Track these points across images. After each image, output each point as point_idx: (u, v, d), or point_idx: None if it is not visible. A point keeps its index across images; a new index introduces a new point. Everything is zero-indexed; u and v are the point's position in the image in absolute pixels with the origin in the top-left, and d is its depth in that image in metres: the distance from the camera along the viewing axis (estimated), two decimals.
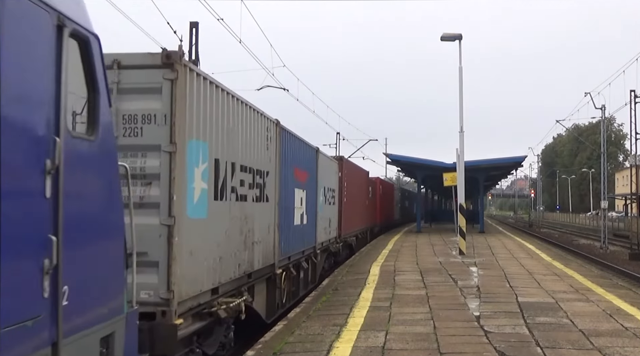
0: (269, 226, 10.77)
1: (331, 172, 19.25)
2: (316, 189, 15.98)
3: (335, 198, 19.84)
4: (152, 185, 6.64)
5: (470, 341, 7.87)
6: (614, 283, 14.56)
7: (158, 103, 6.65)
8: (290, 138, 12.89)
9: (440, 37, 21.56)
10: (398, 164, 41.87)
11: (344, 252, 22.10)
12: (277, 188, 11.33)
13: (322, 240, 17.07)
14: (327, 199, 18.05)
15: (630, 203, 49.76)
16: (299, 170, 13.63)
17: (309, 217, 14.94)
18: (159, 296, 6.50)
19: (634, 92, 32.82)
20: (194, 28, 18.18)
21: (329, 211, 18.54)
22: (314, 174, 15.76)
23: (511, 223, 79.98)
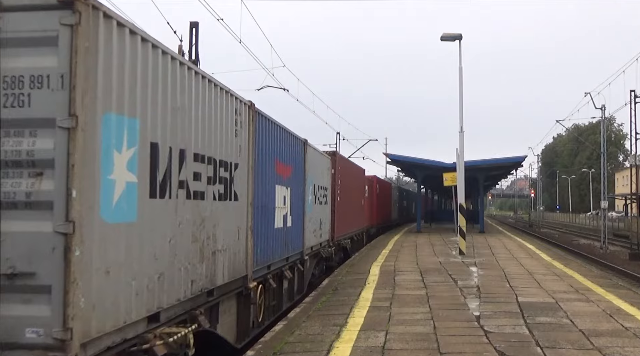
0: (238, 230, 8.67)
1: (322, 168, 17.27)
2: (304, 186, 14.00)
3: (327, 198, 18.16)
4: (44, 177, 4.80)
5: (470, 341, 7.87)
6: (614, 283, 14.55)
7: (53, 59, 4.81)
8: (270, 126, 10.77)
9: (440, 37, 21.56)
10: (398, 164, 41.85)
11: (337, 256, 20.31)
12: (251, 184, 9.19)
13: (311, 244, 15.16)
14: (318, 198, 16.28)
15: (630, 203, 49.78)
16: (281, 163, 11.66)
17: (295, 219, 12.99)
18: (52, 336, 4.64)
19: (634, 92, 32.86)
20: (194, 28, 18.18)
21: (320, 211, 16.76)
22: (301, 169, 13.78)
23: (511, 223, 79.99)
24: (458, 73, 21.49)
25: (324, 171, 17.45)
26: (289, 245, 12.51)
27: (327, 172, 18.14)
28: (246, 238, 9.08)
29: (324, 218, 17.35)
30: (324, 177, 17.46)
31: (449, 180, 25.02)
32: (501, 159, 36.72)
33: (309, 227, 14.67)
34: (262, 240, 10.25)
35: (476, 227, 37.94)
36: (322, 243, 17.04)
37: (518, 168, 49.07)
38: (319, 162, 16.59)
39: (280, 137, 11.61)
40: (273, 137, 11.02)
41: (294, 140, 13.06)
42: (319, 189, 16.42)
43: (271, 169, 10.87)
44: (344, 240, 21.44)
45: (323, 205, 17.27)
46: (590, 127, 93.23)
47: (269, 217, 10.72)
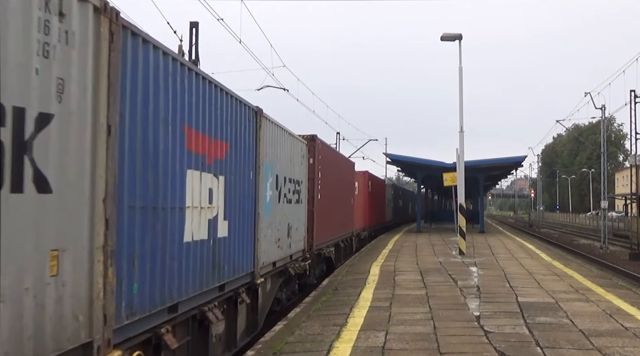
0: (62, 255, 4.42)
1: (294, 154, 13.29)
2: (256, 177, 9.81)
3: (302, 194, 14.25)
4: None
5: (470, 341, 7.87)
6: (614, 283, 14.56)
7: None
8: (166, 65, 6.24)
9: (440, 37, 21.57)
10: (398, 164, 41.85)
11: (317, 270, 16.71)
12: (102, 159, 4.93)
13: (272, 259, 11.12)
14: (285, 195, 12.36)
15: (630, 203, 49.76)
16: (203, 136, 7.34)
17: (236, 224, 8.77)
18: None
19: (634, 92, 32.88)
20: (194, 28, 18.19)
21: (290, 213, 12.82)
22: (248, 151, 9.45)
23: (511, 223, 80.00)
24: (458, 73, 21.51)
25: (296, 159, 13.44)
26: (223, 266, 8.13)
27: (301, 160, 14.15)
28: (88, 269, 4.75)
29: (296, 222, 13.34)
30: (295, 166, 13.35)
31: (449, 180, 25.02)
32: (501, 159, 36.72)
33: (268, 236, 10.69)
34: (145, 266, 5.80)
35: (476, 227, 37.95)
36: (293, 255, 13.09)
37: (518, 168, 49.09)
38: (288, 146, 12.59)
39: (196, 92, 7.08)
40: (177, 88, 6.47)
41: (233, 104, 8.56)
42: (287, 183, 12.47)
43: (174, 141, 6.40)
44: (326, 248, 17.59)
45: (295, 205, 13.26)
46: (590, 127, 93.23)
47: (166, 223, 6.23)
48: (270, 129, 11.03)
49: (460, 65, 21.57)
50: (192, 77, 7.01)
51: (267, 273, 10.95)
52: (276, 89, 25.66)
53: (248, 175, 9.47)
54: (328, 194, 17.62)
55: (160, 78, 6.09)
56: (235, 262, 8.79)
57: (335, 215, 19.42)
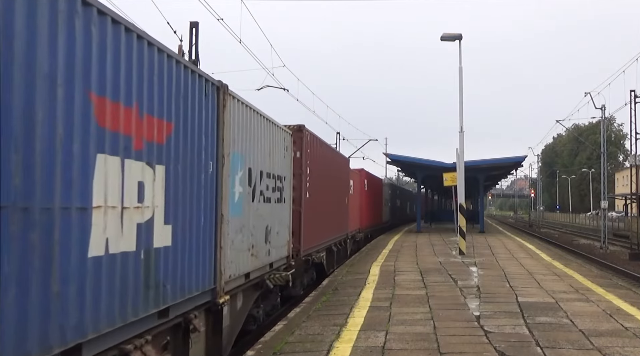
0: None
1: (274, 146, 11.18)
2: (216, 168, 7.78)
3: (285, 192, 12.24)
4: None
5: (470, 341, 7.87)
6: (614, 283, 14.56)
7: None
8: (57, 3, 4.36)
9: (440, 37, 21.58)
10: (398, 164, 41.86)
11: (305, 278, 15.14)
12: None
13: (244, 271, 9.17)
14: (263, 192, 10.33)
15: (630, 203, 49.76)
16: (127, 110, 5.44)
17: (189, 228, 6.89)
18: None
19: (634, 92, 32.87)
20: (194, 28, 18.18)
21: (270, 214, 10.80)
22: (207, 136, 7.44)
23: (511, 223, 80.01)
24: (458, 73, 21.51)
25: (277, 151, 11.44)
26: (164, 285, 6.15)
27: (284, 153, 12.13)
28: None
29: (277, 225, 11.38)
30: (276, 160, 11.34)
31: (449, 180, 25.03)
32: (501, 159, 36.73)
33: (237, 242, 8.71)
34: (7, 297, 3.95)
35: (476, 227, 37.95)
36: (273, 263, 11.14)
37: (518, 168, 49.11)
38: (266, 135, 10.51)
39: (114, 47, 5.17)
40: (73, 34, 4.57)
41: (180, 73, 6.52)
42: (265, 178, 10.46)
43: (68, 110, 4.53)
44: (316, 253, 15.75)
45: (276, 205, 11.32)
46: (590, 127, 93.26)
47: (50, 231, 4.33)
48: (240, 111, 8.83)
49: (460, 65, 21.58)
50: (107, 25, 4.99)
51: (236, 288, 8.84)
52: (276, 88, 25.67)
53: (205, 167, 7.38)
54: (318, 193, 15.73)
55: (41, 16, 4.17)
56: (185, 278, 6.67)
57: (326, 216, 17.48)
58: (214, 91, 7.84)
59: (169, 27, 16.40)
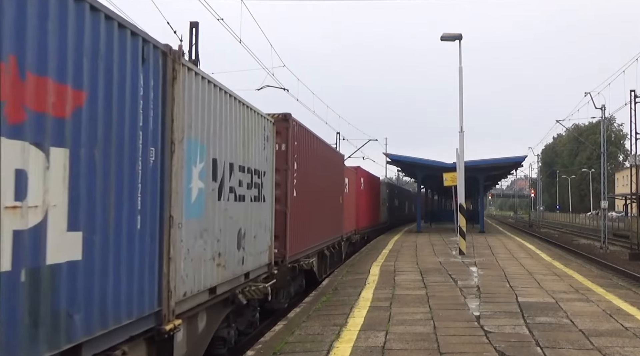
0: None
1: (250, 134, 9.36)
2: (162, 157, 6.14)
3: (266, 190, 10.45)
4: None
5: (470, 341, 7.87)
6: (614, 283, 14.56)
7: None
8: None
9: (440, 37, 21.58)
10: (398, 164, 41.86)
11: (293, 286, 13.68)
12: None
13: (208, 285, 7.47)
14: (234, 189, 8.58)
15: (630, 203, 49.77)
16: None
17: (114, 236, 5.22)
18: None
19: (634, 92, 32.87)
20: (194, 28, 18.18)
21: (244, 215, 9.08)
22: (146, 114, 5.81)
23: (511, 223, 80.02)
24: (458, 73, 21.51)
25: (254, 141, 9.62)
26: (69, 315, 4.51)
27: (264, 144, 10.27)
28: None
29: (254, 227, 9.63)
30: (253, 151, 9.51)
31: (449, 180, 25.03)
32: (501, 159, 36.75)
33: (198, 250, 7.06)
34: None
35: (476, 227, 37.95)
36: (250, 273, 9.39)
37: (518, 168, 49.12)
38: (238, 120, 8.70)
39: None
40: None
41: (95, 23, 4.92)
42: (237, 172, 8.71)
43: None
44: (305, 259, 14.10)
45: (252, 204, 9.54)
46: (590, 127, 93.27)
47: None
48: (201, 89, 7.09)
49: (460, 65, 21.59)
50: None
51: (197, 307, 7.18)
52: (276, 88, 25.67)
53: (143, 154, 5.70)
54: (308, 191, 14.22)
55: None
56: (107, 302, 5.03)
57: (318, 217, 15.91)
58: (158, 57, 5.99)
59: (169, 27, 16.41)
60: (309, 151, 14.59)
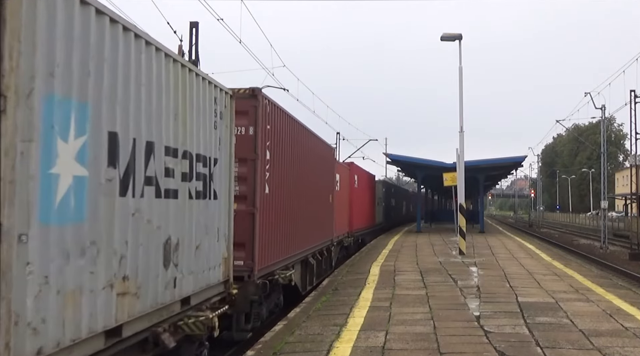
0: None
1: (190, 106, 7.03)
2: None
3: (218, 183, 8.06)
4: None
5: (470, 341, 7.87)
6: (614, 283, 14.55)
7: None
8: None
9: (440, 37, 21.57)
10: (398, 164, 41.85)
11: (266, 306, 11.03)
12: None
13: (106, 324, 5.11)
14: (156, 181, 6.13)
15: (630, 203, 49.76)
16: None
17: None
18: None
19: (634, 92, 32.87)
20: (194, 28, 18.18)
21: (176, 218, 6.62)
22: None
23: (511, 223, 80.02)
24: (458, 73, 21.51)
25: (196, 114, 7.22)
26: None
27: (214, 122, 7.87)
28: None
29: (197, 235, 7.26)
30: (194, 129, 7.15)
31: (449, 180, 25.03)
32: (501, 159, 36.76)
33: (69, 275, 4.62)
34: None
35: (476, 227, 37.94)
36: (191, 298, 7.01)
37: (518, 168, 49.12)
38: (168, 82, 6.41)
39: None
40: None
41: None
42: (166, 157, 6.37)
43: None
44: (282, 271, 11.71)
45: (193, 202, 7.14)
46: (590, 127, 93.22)
47: None
48: (79, 18, 4.71)
49: (460, 65, 21.58)
50: None
51: None
52: (276, 88, 25.67)
53: None
54: (286, 187, 12.00)
55: None
56: None
57: (300, 219, 13.43)
58: None
59: (169, 27, 16.41)
60: (288, 139, 12.30)
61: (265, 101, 10.42)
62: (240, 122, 9.61)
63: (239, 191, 9.66)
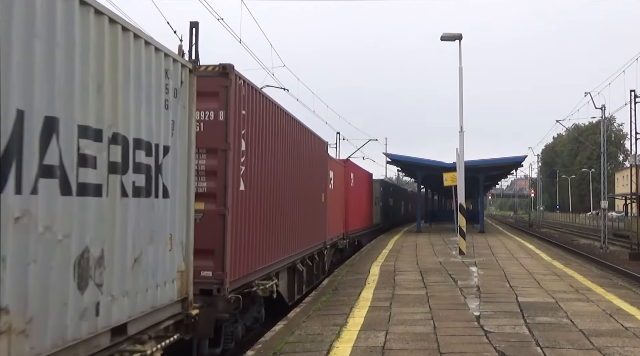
0: None
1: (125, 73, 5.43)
2: None
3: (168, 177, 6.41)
4: None
5: (470, 341, 7.88)
6: (614, 283, 14.56)
7: None
8: None
9: (440, 37, 21.58)
10: (398, 164, 41.87)
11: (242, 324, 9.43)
12: None
13: None
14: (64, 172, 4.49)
15: (630, 203, 49.75)
16: None
17: None
18: None
19: (634, 92, 32.85)
20: (194, 28, 18.15)
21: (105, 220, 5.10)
22: None
23: (511, 223, 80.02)
24: (458, 73, 21.52)
25: (135, 88, 5.65)
26: None
27: (164, 100, 6.34)
28: None
29: (139, 243, 5.72)
30: (131, 104, 5.58)
31: (449, 180, 25.04)
32: (501, 159, 36.78)
33: None
34: None
35: (476, 227, 37.95)
36: (127, 326, 5.45)
37: (518, 168, 49.14)
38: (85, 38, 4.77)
39: None
40: None
41: None
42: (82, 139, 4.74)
43: None
44: (263, 281, 10.08)
45: (132, 200, 5.58)
46: (590, 127, 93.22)
47: None
48: None
49: (460, 65, 21.59)
50: None
51: None
52: (276, 88, 25.68)
53: None
54: (266, 183, 10.31)
55: None
56: None
57: (285, 220, 11.77)
58: None
59: (169, 27, 16.40)
60: (270, 128, 10.52)
61: (239, 81, 8.66)
62: (208, 105, 8.18)
63: (207, 188, 8.24)
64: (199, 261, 7.45)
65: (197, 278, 7.36)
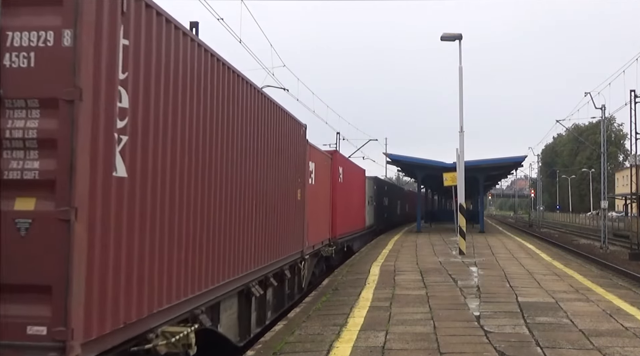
0: None
1: None
2: None
3: None
4: None
5: (470, 341, 7.87)
6: (614, 283, 14.55)
7: None
8: None
9: (440, 37, 21.57)
10: (398, 164, 41.86)
11: None
12: None
13: None
14: None
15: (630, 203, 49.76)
16: None
17: None
18: None
19: (634, 92, 32.86)
20: (194, 28, 18.10)
21: None
22: None
23: (511, 223, 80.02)
24: (458, 73, 21.51)
25: None
26: None
27: None
28: None
29: None
30: None
31: (449, 180, 25.03)
32: (501, 159, 36.76)
33: None
34: None
35: (476, 227, 37.94)
36: None
37: (518, 168, 49.12)
38: None
39: None
40: None
41: None
42: None
43: None
44: (169, 331, 6.07)
45: None
46: (590, 127, 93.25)
47: None
48: None
49: (460, 65, 21.57)
50: None
51: None
52: (276, 88, 25.67)
53: None
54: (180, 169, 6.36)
55: None
56: None
57: (225, 226, 7.87)
58: None
59: None
60: (195, 81, 6.83)
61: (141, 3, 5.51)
62: (36, 20, 4.63)
63: (39, 172, 4.58)
64: (23, 306, 4.45)
65: (18, 338, 4.37)
